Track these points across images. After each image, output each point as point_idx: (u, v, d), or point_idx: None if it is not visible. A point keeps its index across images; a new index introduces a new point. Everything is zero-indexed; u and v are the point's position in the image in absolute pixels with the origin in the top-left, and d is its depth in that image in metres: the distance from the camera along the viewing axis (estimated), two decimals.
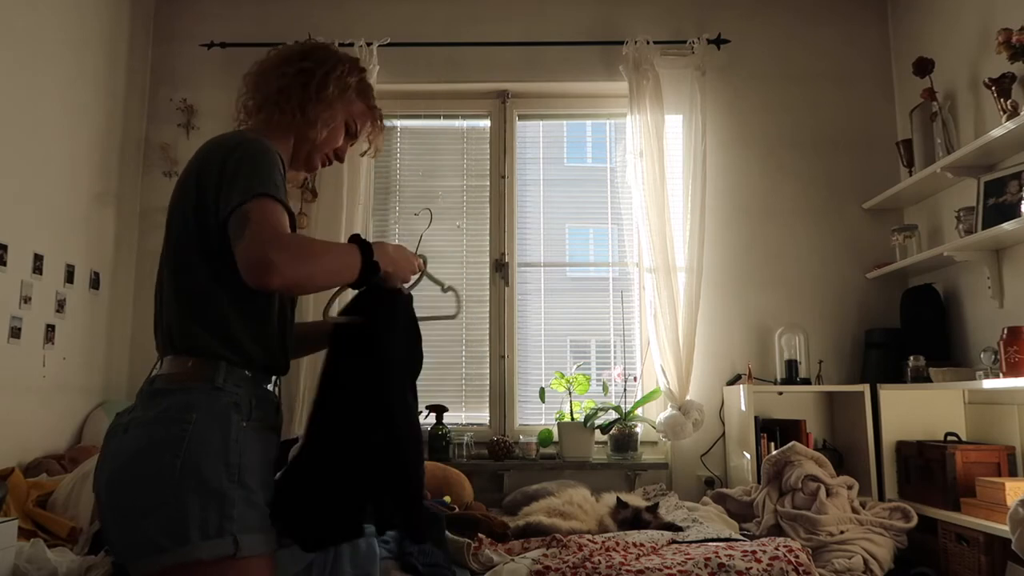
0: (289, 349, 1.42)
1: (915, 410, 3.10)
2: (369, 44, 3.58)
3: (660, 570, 2.04)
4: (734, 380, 3.46)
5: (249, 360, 1.31)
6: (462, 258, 3.70)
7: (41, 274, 2.90)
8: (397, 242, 3.58)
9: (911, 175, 3.30)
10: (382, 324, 1.39)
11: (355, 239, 1.34)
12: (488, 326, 3.62)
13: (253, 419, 1.29)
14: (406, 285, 1.50)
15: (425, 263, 1.56)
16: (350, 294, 1.44)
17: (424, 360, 1.52)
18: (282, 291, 1.28)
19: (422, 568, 2.08)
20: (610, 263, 3.74)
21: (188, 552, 1.14)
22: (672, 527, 2.53)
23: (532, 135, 3.84)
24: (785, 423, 3.28)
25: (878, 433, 3.10)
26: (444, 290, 1.67)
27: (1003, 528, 2.33)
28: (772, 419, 3.33)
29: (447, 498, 2.85)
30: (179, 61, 3.75)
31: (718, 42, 3.64)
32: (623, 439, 3.33)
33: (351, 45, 3.57)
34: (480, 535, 2.36)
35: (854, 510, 2.73)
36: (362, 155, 1.69)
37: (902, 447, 3.06)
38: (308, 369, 3.29)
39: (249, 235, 1.16)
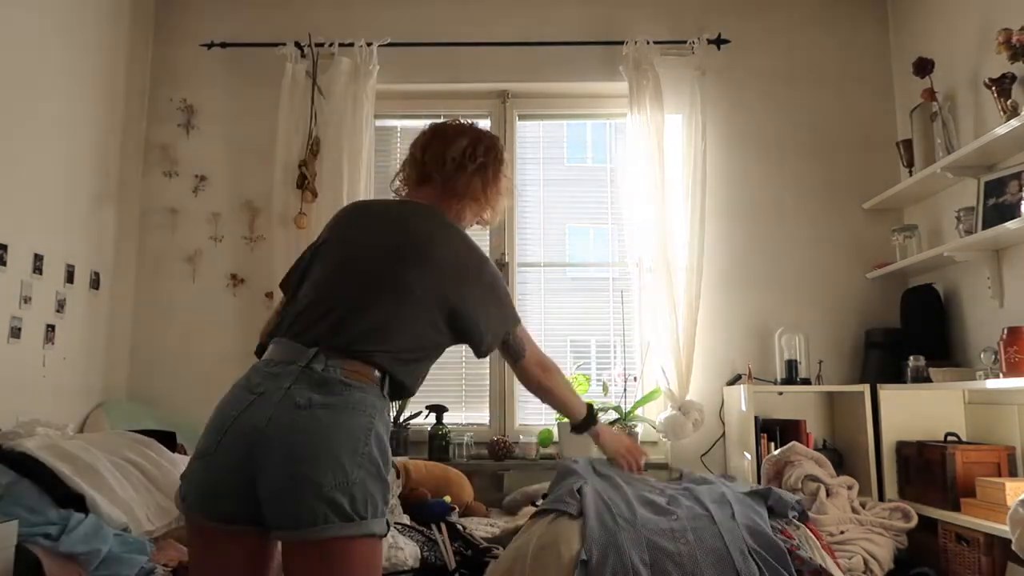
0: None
1: (915, 410, 3.10)
2: (369, 44, 3.57)
3: None
4: (734, 380, 3.46)
5: (396, 387, 1.52)
6: None
7: (41, 274, 2.90)
8: None
9: (911, 175, 3.30)
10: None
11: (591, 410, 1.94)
12: None
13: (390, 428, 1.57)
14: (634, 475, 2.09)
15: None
16: None
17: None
18: (535, 387, 1.80)
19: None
20: (610, 263, 3.74)
21: (365, 525, 1.30)
22: None
23: (532, 135, 3.84)
24: (785, 423, 3.28)
25: (878, 433, 3.10)
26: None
27: (1003, 528, 2.33)
28: (772, 419, 3.32)
29: (447, 498, 2.85)
30: (179, 61, 3.75)
31: (718, 42, 3.64)
32: None
33: (351, 45, 3.57)
34: None
35: (854, 510, 2.74)
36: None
37: (902, 447, 3.06)
38: None
39: (530, 351, 1.77)
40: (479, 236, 3.68)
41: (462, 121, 1.77)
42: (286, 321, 1.52)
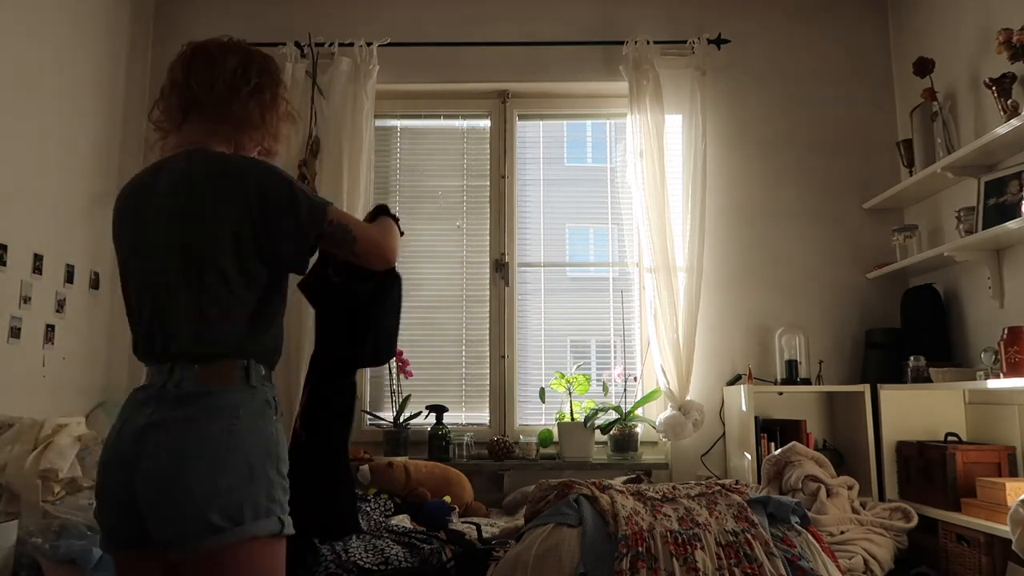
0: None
1: (915, 410, 3.10)
2: (369, 44, 3.57)
3: None
4: (734, 380, 3.46)
5: (269, 360, 1.46)
6: (462, 258, 3.70)
7: (41, 274, 2.90)
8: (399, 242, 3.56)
9: (911, 175, 3.30)
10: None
11: (383, 211, 1.68)
12: (488, 326, 3.62)
13: (279, 413, 1.44)
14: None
15: None
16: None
17: (424, 360, 1.91)
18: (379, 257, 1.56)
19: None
20: (610, 263, 3.74)
21: (245, 530, 1.28)
22: None
23: (532, 135, 3.84)
24: (785, 423, 3.28)
25: (878, 433, 3.10)
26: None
27: (1004, 528, 2.33)
28: (772, 419, 3.33)
29: (447, 498, 2.86)
30: None
31: (718, 42, 3.64)
32: (623, 439, 3.33)
33: (351, 45, 3.57)
34: None
35: (854, 510, 2.74)
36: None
37: (902, 447, 3.06)
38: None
39: (363, 237, 1.50)
40: (479, 238, 3.69)
41: (227, 38, 1.57)
42: (138, 340, 1.49)
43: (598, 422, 3.35)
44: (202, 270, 1.38)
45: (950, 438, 2.93)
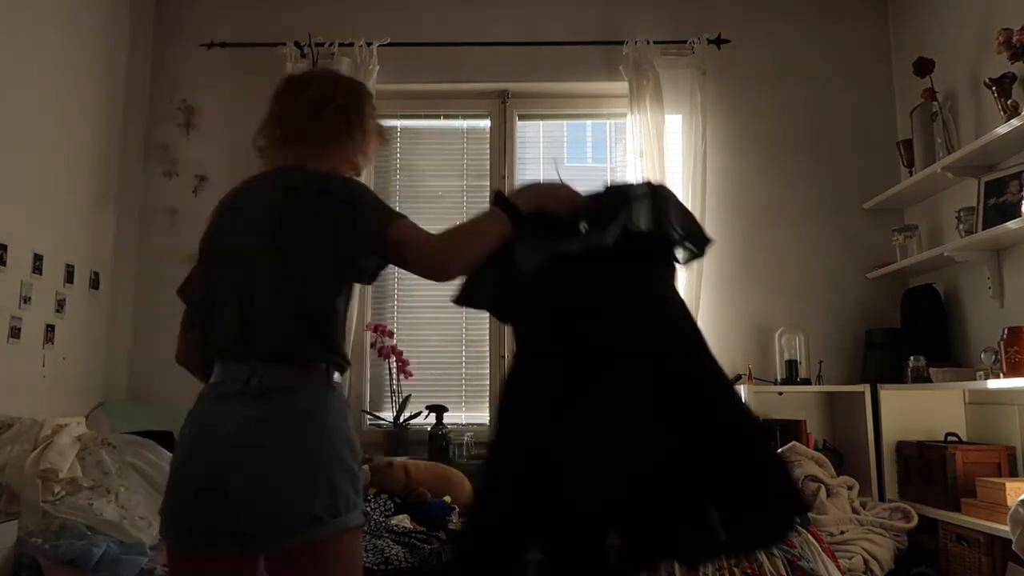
0: None
1: (915, 410, 3.10)
2: (369, 44, 3.57)
3: None
4: (734, 380, 3.45)
5: (341, 364, 1.51)
6: None
7: (41, 274, 2.90)
8: None
9: (911, 175, 3.31)
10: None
11: (497, 199, 1.55)
12: (488, 326, 3.62)
13: (351, 412, 1.51)
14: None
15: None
16: None
17: (424, 360, 1.75)
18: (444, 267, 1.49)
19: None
20: None
21: (341, 522, 1.35)
22: None
23: (532, 135, 3.83)
24: (785, 423, 3.28)
25: (878, 433, 3.10)
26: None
27: (1004, 528, 2.33)
28: (772, 419, 3.32)
29: (447, 498, 2.86)
30: (179, 61, 3.74)
31: (718, 42, 3.64)
32: None
33: (351, 45, 3.57)
34: None
35: (854, 510, 2.74)
36: None
37: (902, 447, 3.06)
38: None
39: (415, 249, 1.44)
40: None
41: (320, 70, 1.66)
42: (214, 339, 1.50)
43: None
44: (290, 276, 1.44)
45: (950, 438, 2.93)
